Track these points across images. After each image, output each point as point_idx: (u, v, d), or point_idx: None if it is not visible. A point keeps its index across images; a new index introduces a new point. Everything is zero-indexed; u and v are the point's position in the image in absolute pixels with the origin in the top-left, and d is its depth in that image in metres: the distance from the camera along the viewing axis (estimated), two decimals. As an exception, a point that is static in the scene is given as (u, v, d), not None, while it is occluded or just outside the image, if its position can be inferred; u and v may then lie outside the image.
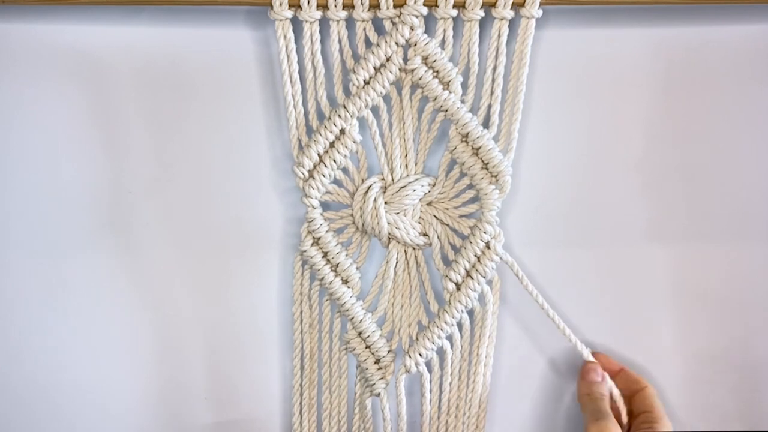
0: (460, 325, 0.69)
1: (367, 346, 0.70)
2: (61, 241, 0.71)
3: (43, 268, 0.72)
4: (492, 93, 0.66)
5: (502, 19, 0.64)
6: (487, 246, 0.67)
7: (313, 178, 0.67)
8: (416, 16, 0.64)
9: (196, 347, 0.74)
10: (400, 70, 0.65)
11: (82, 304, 0.73)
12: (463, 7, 0.64)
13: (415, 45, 0.65)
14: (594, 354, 0.71)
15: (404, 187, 0.68)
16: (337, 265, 0.69)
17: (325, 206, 0.69)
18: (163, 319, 0.73)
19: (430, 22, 0.65)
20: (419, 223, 0.69)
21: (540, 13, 0.64)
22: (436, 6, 0.64)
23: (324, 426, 0.73)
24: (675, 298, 0.73)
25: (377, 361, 0.70)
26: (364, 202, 0.67)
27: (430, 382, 0.70)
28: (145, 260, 0.72)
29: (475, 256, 0.67)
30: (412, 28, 0.64)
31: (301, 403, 0.73)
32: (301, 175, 0.67)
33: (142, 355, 0.74)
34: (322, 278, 0.69)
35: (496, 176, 0.66)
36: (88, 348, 0.73)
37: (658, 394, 0.70)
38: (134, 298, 0.73)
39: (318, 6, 0.64)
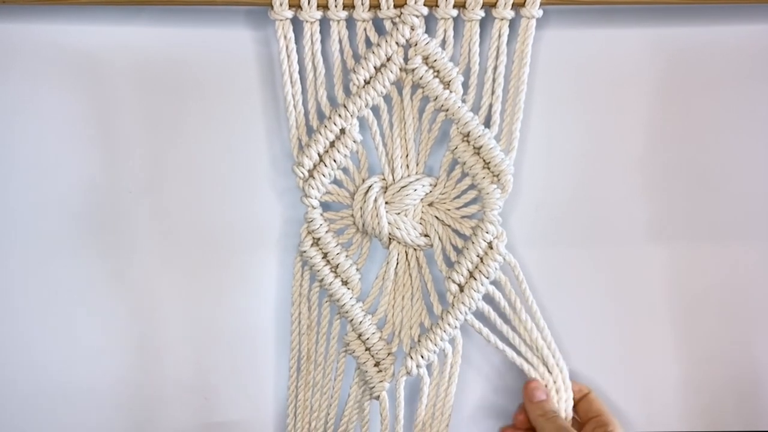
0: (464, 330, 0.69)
1: (367, 348, 0.70)
2: (61, 240, 0.71)
3: (43, 267, 0.72)
4: (493, 92, 0.66)
5: (502, 19, 0.65)
6: (490, 246, 0.67)
7: (313, 178, 0.67)
8: (417, 16, 0.64)
9: (195, 348, 0.73)
10: (400, 69, 0.65)
11: (80, 303, 0.72)
12: (464, 7, 0.64)
13: (416, 45, 0.65)
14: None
15: (405, 187, 0.67)
16: (337, 266, 0.69)
17: (325, 207, 0.69)
18: (162, 320, 0.73)
19: (430, 22, 0.65)
20: (420, 223, 0.68)
21: (540, 13, 0.64)
22: (437, 6, 0.64)
23: (317, 428, 0.72)
24: (675, 298, 0.73)
25: (377, 364, 0.70)
26: (365, 202, 0.67)
27: (429, 386, 0.70)
28: (144, 260, 0.72)
29: (478, 256, 0.67)
30: (412, 28, 0.64)
31: (296, 405, 0.72)
32: (301, 175, 0.67)
33: (141, 355, 0.73)
34: (322, 279, 0.69)
35: (497, 176, 0.66)
36: (85, 348, 0.73)
37: (599, 397, 0.70)
38: (133, 298, 0.72)
39: (318, 6, 0.64)
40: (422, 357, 0.68)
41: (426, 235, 0.68)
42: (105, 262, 0.72)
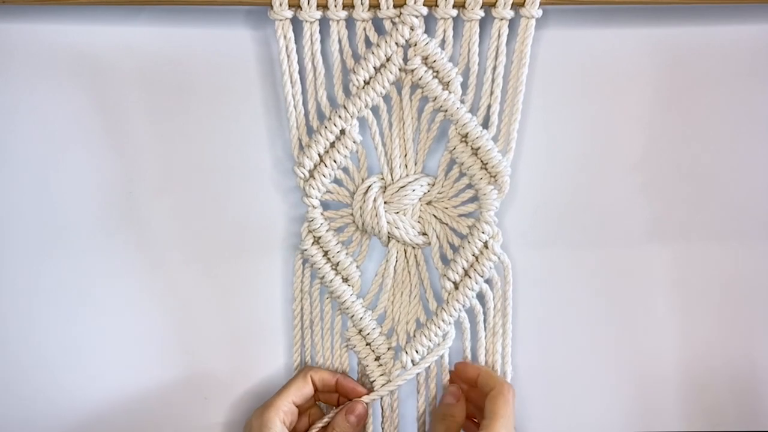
0: (459, 324, 0.70)
1: (368, 344, 0.70)
2: (62, 241, 0.71)
3: (44, 268, 0.72)
4: (492, 93, 0.66)
5: (501, 19, 0.65)
6: (485, 245, 0.67)
7: (314, 178, 0.67)
8: (416, 16, 0.64)
9: (197, 346, 0.74)
10: (400, 70, 0.66)
11: (84, 304, 0.73)
12: (463, 7, 0.64)
13: (415, 45, 0.65)
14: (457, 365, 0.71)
15: (404, 186, 0.68)
16: (338, 264, 0.69)
17: (326, 206, 0.69)
18: (164, 319, 0.73)
19: (430, 22, 0.65)
20: (418, 222, 0.69)
21: (540, 13, 0.64)
22: (436, 6, 0.64)
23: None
24: (675, 298, 0.73)
25: (377, 359, 0.70)
26: (364, 201, 0.68)
27: (427, 379, 0.71)
28: (146, 260, 0.72)
29: (473, 255, 0.67)
30: (412, 28, 0.64)
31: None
32: (302, 175, 0.67)
33: (143, 354, 0.74)
34: (323, 277, 0.69)
35: (495, 176, 0.66)
36: (89, 347, 0.73)
37: (505, 393, 0.66)
38: (135, 298, 0.73)
39: (318, 6, 0.64)
40: (416, 351, 0.69)
41: (424, 234, 0.69)
42: (106, 263, 0.72)
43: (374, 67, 0.65)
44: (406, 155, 0.68)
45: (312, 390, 0.70)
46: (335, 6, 0.64)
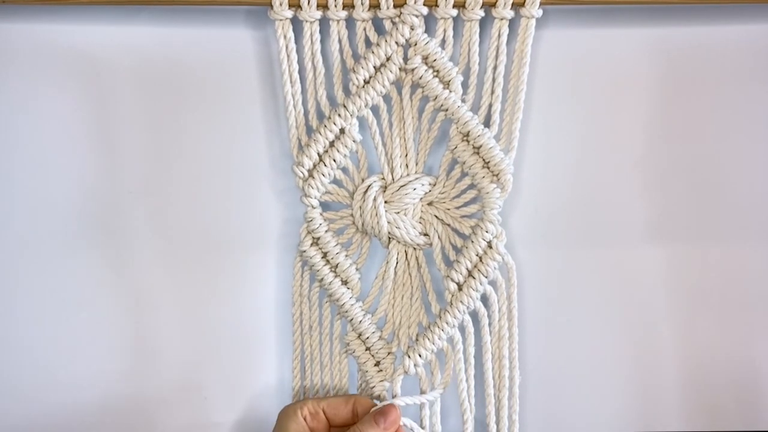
0: (462, 328, 0.69)
1: (367, 348, 0.70)
2: (61, 240, 0.71)
3: (42, 268, 0.72)
4: (493, 92, 0.66)
5: (502, 19, 0.65)
6: (489, 245, 0.67)
7: (313, 178, 0.67)
8: (416, 16, 0.64)
9: (195, 347, 0.74)
10: (400, 69, 0.66)
11: (80, 303, 0.72)
12: (463, 6, 0.64)
13: (416, 44, 0.65)
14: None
15: (404, 186, 0.67)
16: (337, 266, 0.69)
17: (325, 206, 0.69)
18: (161, 319, 0.73)
19: (430, 22, 0.66)
20: (420, 222, 0.68)
21: (540, 12, 0.64)
22: (436, 6, 0.64)
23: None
24: (675, 298, 0.73)
25: (377, 363, 0.70)
26: (364, 201, 0.67)
27: (430, 384, 0.70)
28: (144, 260, 0.72)
29: (477, 255, 0.67)
30: (412, 28, 0.64)
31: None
32: (301, 175, 0.67)
33: (141, 355, 0.73)
34: (322, 279, 0.69)
35: (497, 175, 0.66)
36: (85, 348, 0.73)
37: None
38: (133, 298, 0.73)
39: (318, 6, 0.64)
40: (420, 356, 0.68)
41: (425, 234, 0.69)
42: (105, 263, 0.72)
43: (374, 67, 0.65)
44: (406, 155, 0.68)
45: (349, 414, 0.66)
46: (335, 6, 0.64)
